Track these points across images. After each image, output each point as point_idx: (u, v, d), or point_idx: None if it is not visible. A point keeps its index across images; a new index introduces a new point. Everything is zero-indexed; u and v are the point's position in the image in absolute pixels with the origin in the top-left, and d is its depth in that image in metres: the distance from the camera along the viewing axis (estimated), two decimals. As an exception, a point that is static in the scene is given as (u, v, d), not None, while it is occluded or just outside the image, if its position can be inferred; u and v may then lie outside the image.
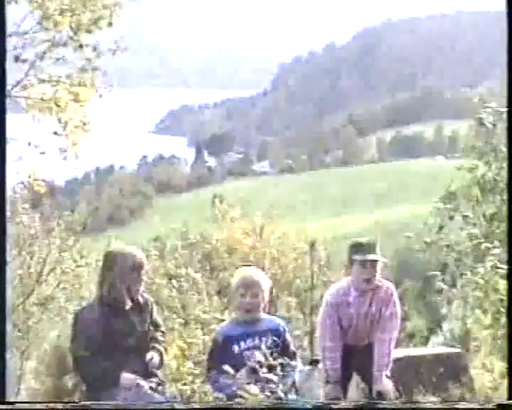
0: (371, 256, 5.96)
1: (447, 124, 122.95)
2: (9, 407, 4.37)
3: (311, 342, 7.19)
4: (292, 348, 6.12)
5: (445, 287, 11.52)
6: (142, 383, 5.70)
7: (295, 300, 10.88)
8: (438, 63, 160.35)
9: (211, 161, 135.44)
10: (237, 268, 6.33)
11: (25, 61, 7.96)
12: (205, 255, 12.21)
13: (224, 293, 9.96)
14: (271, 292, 6.20)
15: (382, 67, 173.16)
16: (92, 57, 8.15)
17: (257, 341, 5.93)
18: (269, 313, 6.37)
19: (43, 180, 8.57)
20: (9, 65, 8.01)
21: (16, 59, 7.92)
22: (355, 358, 6.21)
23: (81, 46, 8.01)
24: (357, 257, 6.01)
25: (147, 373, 5.84)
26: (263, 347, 5.88)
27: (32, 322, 10.19)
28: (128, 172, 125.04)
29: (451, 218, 12.36)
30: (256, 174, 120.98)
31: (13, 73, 8.09)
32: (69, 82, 8.20)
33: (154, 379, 5.86)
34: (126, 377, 5.71)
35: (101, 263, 6.06)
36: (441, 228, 12.42)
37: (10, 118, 9.18)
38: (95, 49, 8.15)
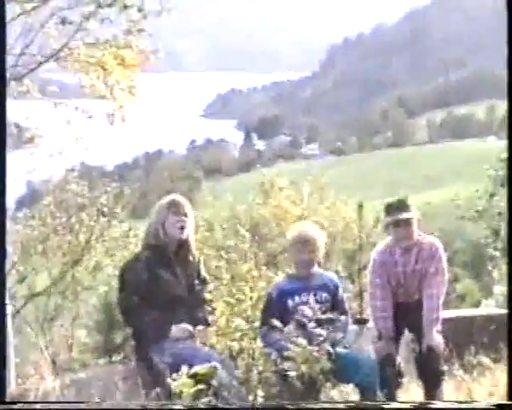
0: (402, 215, 5.93)
1: (499, 104, 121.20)
2: (9, 406, 4.38)
3: (360, 305, 7.12)
4: (345, 302, 6.07)
5: (496, 254, 11.43)
6: (191, 330, 5.69)
7: (343, 262, 10.87)
8: (489, 43, 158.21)
9: (260, 145, 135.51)
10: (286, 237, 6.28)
11: (71, 23, 7.98)
12: (252, 226, 12.21)
13: (273, 263, 9.88)
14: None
15: (432, 47, 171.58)
16: (137, 19, 8.14)
17: (311, 295, 5.90)
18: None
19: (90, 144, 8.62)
20: (56, 27, 8.07)
21: (62, 22, 7.95)
22: (406, 314, 6.14)
23: (125, 7, 8.01)
24: (390, 218, 5.99)
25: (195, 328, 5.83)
26: (311, 301, 5.86)
27: (80, 288, 10.25)
28: (177, 156, 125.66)
29: (503, 185, 12.24)
30: (305, 157, 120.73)
31: (59, 36, 8.13)
32: (115, 44, 8.21)
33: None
34: (177, 328, 5.70)
35: None
36: (492, 196, 12.33)
37: (57, 82, 9.26)
38: (140, 10, 8.13)
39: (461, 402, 5.45)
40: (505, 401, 4.54)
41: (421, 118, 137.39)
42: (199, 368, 4.75)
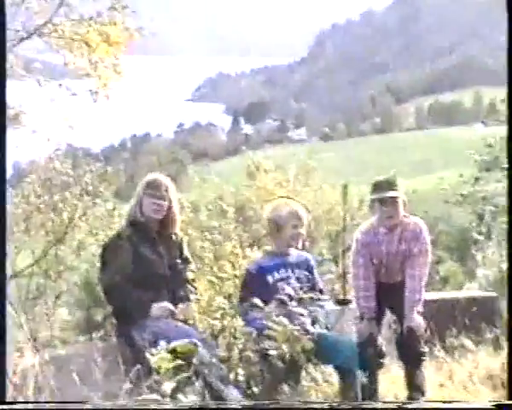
0: (389, 193, 5.88)
1: (486, 91, 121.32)
2: (9, 406, 4.34)
3: (343, 286, 7.07)
4: (320, 283, 6.05)
5: (480, 238, 11.41)
6: (172, 309, 5.65)
7: (328, 244, 10.89)
8: (478, 31, 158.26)
9: (247, 129, 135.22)
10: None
11: (53, -4, 7.89)
12: (238, 208, 12.16)
13: (258, 245, 9.80)
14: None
15: (420, 34, 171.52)
16: (121, -6, 8.05)
17: (290, 272, 5.88)
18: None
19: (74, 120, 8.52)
20: (38, 2, 7.97)
21: (45, -5, 7.86)
22: (388, 295, 6.10)
23: (109, -18, 7.92)
24: (376, 195, 5.94)
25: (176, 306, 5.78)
26: (292, 281, 5.83)
27: (63, 268, 10.12)
28: (165, 139, 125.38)
29: (488, 170, 12.23)
30: (292, 142, 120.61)
31: (42, 11, 8.03)
32: (100, 21, 8.12)
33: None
34: (158, 306, 5.65)
35: None
36: (477, 180, 12.30)
37: (42, 59, 9.16)
38: (123, -15, 8.04)
39: (444, 402, 5.43)
40: (505, 401, 4.55)
41: (409, 104, 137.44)
42: (178, 344, 4.71)
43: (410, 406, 4.95)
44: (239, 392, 5.24)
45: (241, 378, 5.37)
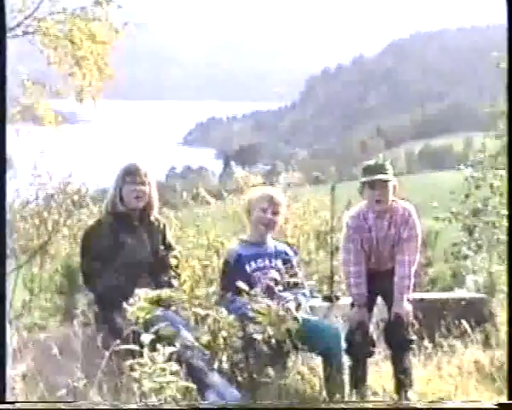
0: (379, 176, 5.81)
1: (476, 137, 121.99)
2: (9, 406, 4.28)
3: (331, 284, 6.99)
4: (300, 274, 5.96)
5: (470, 253, 11.36)
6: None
7: (315, 244, 10.79)
8: (466, 77, 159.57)
9: (239, 173, 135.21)
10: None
11: (37, -10, 7.79)
12: (226, 221, 12.05)
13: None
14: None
15: (410, 79, 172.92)
16: (106, -11, 7.95)
17: (267, 261, 5.82)
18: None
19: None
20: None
21: (28, -11, 7.77)
22: (379, 282, 5.99)
23: (93, -24, 7.84)
24: (366, 178, 5.87)
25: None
26: (279, 265, 5.78)
27: (47, 276, 9.94)
28: (156, 182, 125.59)
29: (478, 187, 12.20)
30: (284, 186, 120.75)
31: (25, 5, 7.94)
32: (84, 16, 8.02)
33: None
34: (140, 292, 5.57)
35: None
36: (467, 196, 12.25)
37: (26, 57, 9.04)
38: (107, -21, 7.95)
39: (431, 402, 5.34)
40: (505, 401, 4.50)
41: (399, 149, 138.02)
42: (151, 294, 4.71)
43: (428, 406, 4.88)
44: (223, 378, 5.14)
45: (225, 366, 5.27)
